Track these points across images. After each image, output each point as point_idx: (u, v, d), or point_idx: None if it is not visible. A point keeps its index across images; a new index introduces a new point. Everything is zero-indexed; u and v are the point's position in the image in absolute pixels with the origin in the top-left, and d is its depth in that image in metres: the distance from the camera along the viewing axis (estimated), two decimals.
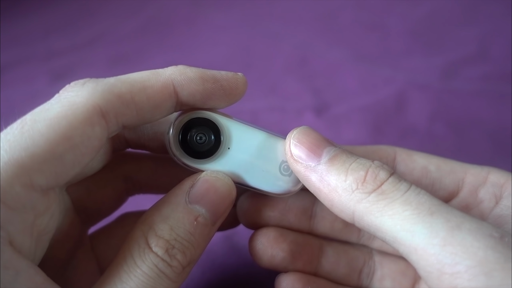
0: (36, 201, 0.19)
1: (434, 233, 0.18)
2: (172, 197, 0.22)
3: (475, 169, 0.26)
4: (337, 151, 0.22)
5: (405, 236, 0.19)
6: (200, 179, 0.23)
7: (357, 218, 0.21)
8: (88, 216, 0.27)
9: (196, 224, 0.21)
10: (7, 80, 0.54)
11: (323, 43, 0.59)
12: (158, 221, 0.21)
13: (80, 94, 0.20)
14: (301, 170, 0.22)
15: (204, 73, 0.22)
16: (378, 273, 0.27)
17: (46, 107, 0.19)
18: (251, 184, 0.24)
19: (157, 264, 0.20)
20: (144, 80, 0.21)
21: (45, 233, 0.20)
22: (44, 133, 0.18)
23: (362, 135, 0.45)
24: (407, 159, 0.27)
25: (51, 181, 0.19)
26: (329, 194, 0.21)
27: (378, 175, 0.20)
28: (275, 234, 0.26)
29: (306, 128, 0.23)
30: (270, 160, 0.24)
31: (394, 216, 0.19)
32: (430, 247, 0.18)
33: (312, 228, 0.27)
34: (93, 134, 0.20)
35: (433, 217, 0.18)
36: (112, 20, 0.64)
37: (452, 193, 0.26)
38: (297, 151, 0.22)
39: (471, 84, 0.52)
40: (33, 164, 0.18)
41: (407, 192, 0.20)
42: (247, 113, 0.48)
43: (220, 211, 0.22)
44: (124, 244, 0.21)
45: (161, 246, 0.20)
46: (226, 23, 0.63)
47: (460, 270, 0.17)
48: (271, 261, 0.25)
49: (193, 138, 0.23)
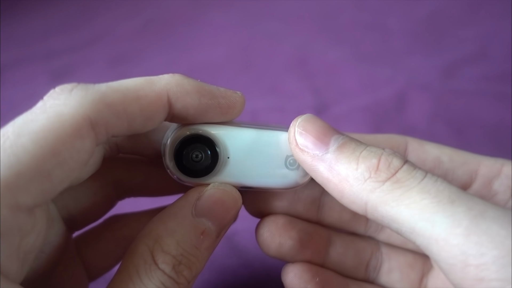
0: (22, 222, 0.17)
1: (456, 222, 0.17)
2: (178, 210, 0.21)
3: (488, 161, 0.25)
4: (345, 139, 0.21)
5: (424, 226, 0.17)
6: (207, 192, 0.22)
7: (370, 209, 0.19)
8: (74, 223, 0.25)
9: (203, 238, 0.21)
10: (7, 80, 0.53)
11: (323, 42, 0.59)
12: (164, 235, 0.20)
13: (68, 103, 0.18)
14: (308, 160, 0.21)
15: (201, 87, 0.21)
16: (386, 266, 0.26)
17: (30, 118, 0.18)
18: (258, 185, 0.23)
19: (164, 282, 0.19)
20: (138, 89, 0.20)
21: (32, 251, 0.19)
22: (29, 149, 0.17)
23: None
24: (418, 149, 0.26)
25: (38, 199, 0.17)
26: (339, 184, 0.20)
27: (392, 162, 0.19)
28: (284, 221, 0.25)
29: (311, 115, 0.22)
30: (274, 157, 0.23)
31: (411, 205, 0.18)
32: (452, 237, 0.17)
33: (319, 219, 0.26)
34: (82, 147, 0.18)
35: (454, 205, 0.17)
36: (112, 20, 0.64)
37: (465, 185, 0.25)
38: (302, 139, 0.21)
39: (471, 84, 0.52)
40: (18, 184, 0.16)
41: (424, 179, 0.18)
42: (247, 113, 0.47)
43: (225, 223, 0.22)
44: (128, 258, 0.20)
45: (168, 262, 0.19)
46: (226, 22, 0.63)
47: (487, 261, 0.16)
48: (279, 249, 0.24)
49: (189, 158, 0.22)
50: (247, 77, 0.54)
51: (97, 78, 0.21)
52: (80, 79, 0.21)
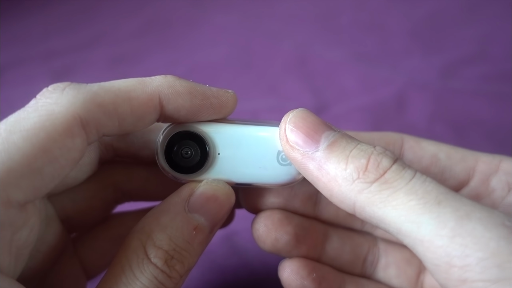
0: (13, 217, 0.18)
1: (442, 223, 0.17)
2: (171, 206, 0.21)
3: (486, 157, 0.25)
4: (336, 136, 0.20)
5: (410, 228, 0.17)
6: (200, 188, 0.22)
7: (358, 209, 0.19)
8: (72, 225, 0.26)
9: (195, 233, 0.21)
10: (7, 80, 0.53)
11: (323, 43, 0.59)
12: (156, 230, 0.20)
13: (60, 102, 0.18)
14: (298, 158, 0.21)
15: (193, 88, 0.21)
16: (383, 261, 0.26)
17: (22, 116, 0.18)
18: (252, 182, 0.23)
19: (156, 276, 0.19)
20: (130, 90, 0.20)
21: (25, 247, 0.19)
22: (20, 146, 0.17)
23: None
24: (415, 146, 0.26)
25: (29, 195, 0.18)
26: (328, 183, 0.20)
27: (381, 162, 0.19)
28: (280, 216, 0.25)
29: (303, 110, 0.22)
30: (266, 153, 0.23)
31: (398, 206, 0.18)
32: (437, 239, 0.17)
33: (317, 214, 0.26)
34: (73, 146, 0.18)
35: (440, 206, 0.17)
36: (112, 20, 0.64)
37: (462, 182, 0.25)
38: (293, 136, 0.21)
39: (471, 84, 0.52)
40: (9, 180, 0.17)
41: (412, 180, 0.18)
42: (247, 113, 0.48)
43: (218, 219, 0.22)
44: (121, 253, 0.20)
45: (160, 257, 0.20)
46: (226, 23, 0.63)
47: (471, 262, 0.16)
48: (275, 244, 0.24)
49: (179, 154, 0.23)
50: (247, 77, 0.54)
51: (97, 78, 0.21)
52: (80, 79, 0.21)
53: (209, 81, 0.23)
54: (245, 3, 0.68)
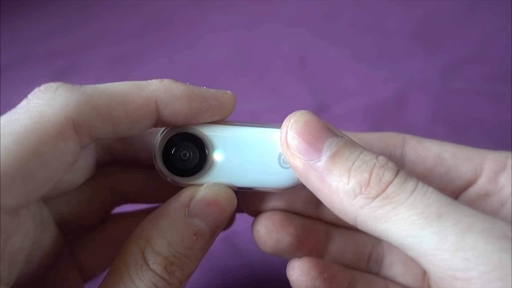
0: (5, 223, 0.17)
1: (443, 237, 0.17)
2: (170, 210, 0.21)
3: (493, 155, 0.25)
4: (339, 144, 0.20)
5: (412, 242, 0.18)
6: (201, 192, 0.21)
7: (359, 222, 0.19)
8: (68, 228, 0.25)
9: (196, 238, 0.20)
10: (7, 80, 0.53)
11: (323, 43, 0.59)
12: (155, 235, 0.20)
13: (52, 103, 0.18)
14: (299, 166, 0.20)
15: (191, 91, 0.21)
16: (387, 259, 0.26)
17: (12, 118, 0.17)
18: (253, 186, 0.23)
19: (156, 283, 0.19)
20: (125, 93, 0.19)
21: (19, 253, 0.19)
22: (11, 150, 0.16)
23: None
24: (417, 146, 0.25)
25: (21, 201, 0.17)
26: (330, 196, 0.20)
27: (383, 177, 0.19)
28: (281, 217, 0.24)
29: (305, 113, 0.21)
30: (267, 155, 0.22)
31: (399, 221, 0.18)
32: (440, 253, 0.17)
33: (319, 215, 0.26)
34: (66, 149, 0.18)
35: (441, 220, 0.17)
36: (112, 20, 0.64)
37: (470, 181, 0.25)
38: (295, 144, 0.20)
39: (471, 84, 0.52)
40: (0, 185, 0.16)
41: (413, 193, 0.18)
42: (246, 114, 0.48)
43: (219, 224, 0.21)
44: (119, 258, 0.20)
45: (159, 263, 0.19)
46: (226, 23, 0.63)
47: (474, 276, 0.16)
48: (276, 246, 0.24)
49: (177, 157, 0.22)
50: (247, 77, 0.54)
51: (97, 78, 0.21)
52: (80, 79, 0.21)
53: (209, 81, 0.23)
54: (245, 3, 0.68)
